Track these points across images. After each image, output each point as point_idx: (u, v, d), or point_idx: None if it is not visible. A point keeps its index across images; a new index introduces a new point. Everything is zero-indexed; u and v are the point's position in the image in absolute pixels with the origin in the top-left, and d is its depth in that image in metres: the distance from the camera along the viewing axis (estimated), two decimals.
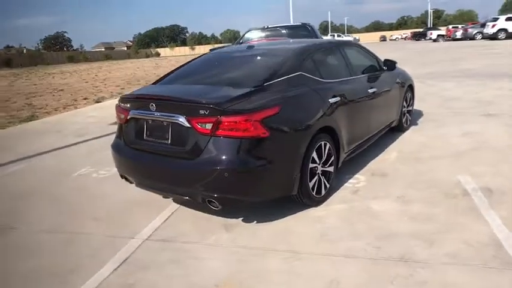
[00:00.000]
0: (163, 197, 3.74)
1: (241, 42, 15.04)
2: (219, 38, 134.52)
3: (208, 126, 2.65)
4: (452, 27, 35.76)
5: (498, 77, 9.69)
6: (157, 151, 2.98)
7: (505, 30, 25.05)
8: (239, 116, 2.61)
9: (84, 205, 3.75)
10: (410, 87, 5.47)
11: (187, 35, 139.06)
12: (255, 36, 15.31)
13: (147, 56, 75.97)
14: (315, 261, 2.55)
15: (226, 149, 2.66)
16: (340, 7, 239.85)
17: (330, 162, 3.39)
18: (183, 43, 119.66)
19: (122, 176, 3.43)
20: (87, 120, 8.33)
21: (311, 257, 2.60)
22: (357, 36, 60.81)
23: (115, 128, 7.06)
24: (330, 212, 3.21)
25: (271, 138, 2.73)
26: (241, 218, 3.19)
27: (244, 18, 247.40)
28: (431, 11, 72.94)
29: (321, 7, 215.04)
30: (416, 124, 5.79)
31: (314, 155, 3.14)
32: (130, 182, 3.46)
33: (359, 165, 4.19)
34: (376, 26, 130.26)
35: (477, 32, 28.88)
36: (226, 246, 2.82)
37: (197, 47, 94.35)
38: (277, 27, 15.53)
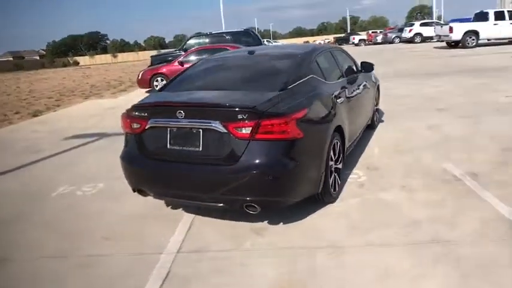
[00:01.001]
0: (172, 208, 3.61)
1: (186, 48, 14.93)
2: (143, 45, 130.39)
3: (247, 130, 2.64)
4: (372, 32, 38.92)
5: (431, 75, 10.80)
6: (185, 160, 2.87)
7: (420, 34, 28.07)
8: (278, 119, 2.65)
9: (84, 225, 3.45)
10: (378, 87, 5.91)
11: (108, 42, 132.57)
12: (199, 41, 15.28)
13: (65, 65, 70.34)
14: (358, 253, 2.67)
15: (267, 152, 2.67)
16: (264, 14, 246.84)
17: (339, 159, 3.55)
18: (104, 51, 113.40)
19: (134, 190, 3.23)
20: (33, 136, 7.59)
21: (353, 249, 2.72)
22: (283, 41, 63.06)
23: (72, 142, 6.65)
24: (347, 207, 3.36)
25: (304, 139, 2.81)
26: (266, 221, 3.20)
27: (169, 25, 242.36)
28: (349, 17, 78.46)
29: (246, 14, 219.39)
30: (382, 121, 6.24)
31: (331, 153, 3.28)
32: (144, 195, 3.29)
33: (351, 161, 4.42)
34: (298, 32, 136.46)
35: (395, 37, 31.86)
36: (266, 249, 2.82)
37: (120, 54, 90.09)
38: (221, 33, 15.68)
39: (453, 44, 19.23)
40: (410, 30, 28.56)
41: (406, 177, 3.88)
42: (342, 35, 50.70)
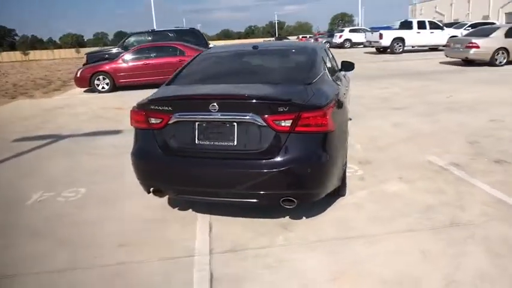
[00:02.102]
0: (180, 210, 3.43)
1: (126, 46, 14.15)
2: (58, 42, 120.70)
3: (286, 123, 2.62)
4: (303, 37, 40.65)
5: (372, 78, 11.60)
6: (216, 155, 2.75)
7: (349, 40, 30.04)
8: (318, 111, 2.66)
9: (87, 233, 3.12)
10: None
11: (16, 38, 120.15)
12: (141, 39, 14.59)
13: None
14: (390, 240, 2.80)
15: (306, 145, 2.68)
16: (192, 15, 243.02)
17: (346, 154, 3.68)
18: (12, 48, 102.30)
19: (149, 191, 3.00)
20: None
21: (384, 237, 2.84)
22: (213, 43, 62.78)
23: (25, 145, 5.95)
24: (359, 199, 3.49)
25: (336, 132, 2.87)
26: (288, 216, 3.19)
27: (89, 22, 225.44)
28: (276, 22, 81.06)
29: (174, 13, 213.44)
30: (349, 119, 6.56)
31: None
32: (161, 196, 3.07)
33: None
34: (226, 34, 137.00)
35: (326, 41, 33.58)
36: (301, 244, 2.82)
37: (32, 52, 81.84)
38: (165, 30, 15.14)
39: (382, 50, 20.94)
40: (340, 36, 30.47)
41: (398, 169, 4.14)
42: (272, 38, 52.08)
